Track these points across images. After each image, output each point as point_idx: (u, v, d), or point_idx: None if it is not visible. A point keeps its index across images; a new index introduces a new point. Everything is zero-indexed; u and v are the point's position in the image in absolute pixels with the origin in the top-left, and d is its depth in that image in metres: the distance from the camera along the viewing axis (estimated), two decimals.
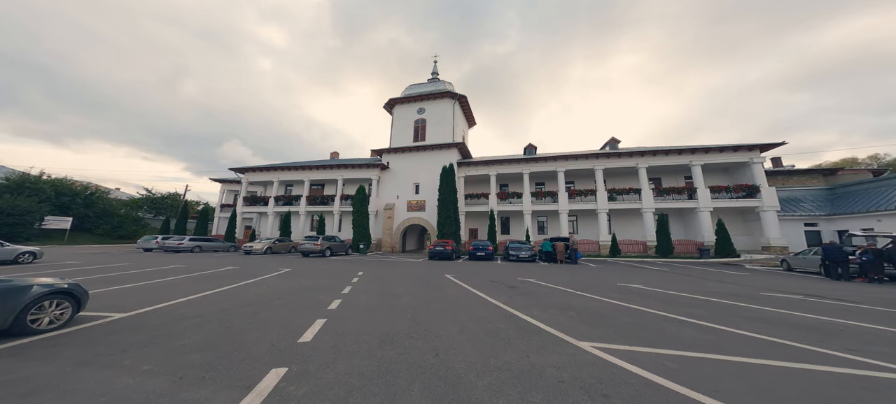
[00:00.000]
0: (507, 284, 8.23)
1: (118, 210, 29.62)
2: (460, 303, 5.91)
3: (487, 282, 8.63)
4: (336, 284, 7.37)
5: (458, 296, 6.54)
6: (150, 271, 9.86)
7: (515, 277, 9.71)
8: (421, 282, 8.44)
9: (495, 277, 9.65)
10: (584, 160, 22.45)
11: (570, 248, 14.69)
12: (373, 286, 7.50)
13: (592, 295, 6.88)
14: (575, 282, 8.86)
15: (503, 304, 5.81)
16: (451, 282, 8.38)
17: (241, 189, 28.94)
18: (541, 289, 7.63)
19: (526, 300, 6.26)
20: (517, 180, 26.10)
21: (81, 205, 26.93)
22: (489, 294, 6.76)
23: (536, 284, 8.31)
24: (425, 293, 6.75)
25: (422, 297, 6.31)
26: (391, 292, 6.78)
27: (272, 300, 5.83)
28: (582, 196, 21.96)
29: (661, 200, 20.18)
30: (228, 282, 7.89)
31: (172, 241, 19.38)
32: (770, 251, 17.29)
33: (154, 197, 36.32)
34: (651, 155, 20.92)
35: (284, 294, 6.38)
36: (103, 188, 31.64)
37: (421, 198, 25.86)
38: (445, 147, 26.25)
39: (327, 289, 6.90)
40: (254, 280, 8.35)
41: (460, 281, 8.67)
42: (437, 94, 28.44)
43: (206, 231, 25.58)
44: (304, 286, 7.22)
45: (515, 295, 6.78)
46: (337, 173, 27.51)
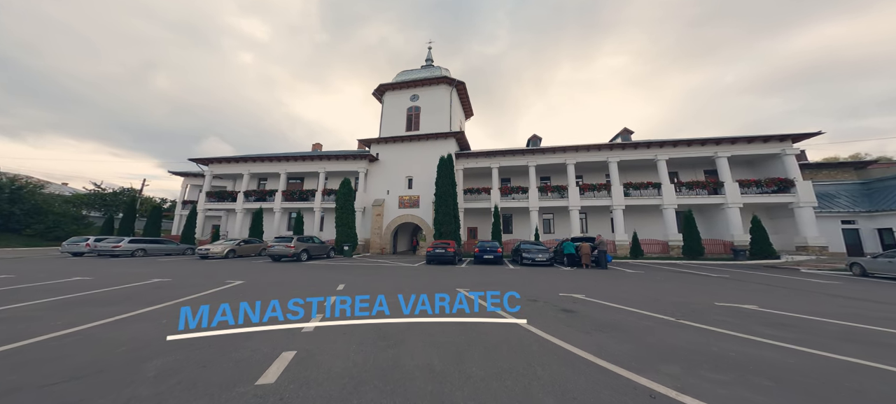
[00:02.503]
0: (554, 304, 5.60)
1: (53, 207, 25.09)
2: (515, 355, 3.19)
3: (521, 300, 5.97)
4: (299, 309, 4.51)
5: (502, 336, 3.83)
6: (30, 287, 6.62)
7: (554, 291, 7.09)
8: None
9: (526, 292, 7.00)
10: (597, 152, 20.24)
11: (597, 250, 12.26)
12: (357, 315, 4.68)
13: (709, 325, 4.33)
14: (647, 299, 6.32)
15: (595, 357, 3.15)
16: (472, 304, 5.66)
17: (205, 183, 25.08)
18: (612, 313, 5.04)
19: (621, 341, 3.62)
20: (520, 174, 23.72)
21: (6, 202, 22.42)
22: (547, 329, 4.08)
23: (596, 304, 5.71)
24: (442, 327, 4.01)
25: (441, 342, 3.56)
26: (387, 331, 3.98)
27: (141, 365, 2.90)
28: (594, 191, 19.73)
29: (683, 196, 18.18)
30: (119, 309, 4.87)
31: (107, 244, 15.69)
32: (808, 251, 15.53)
33: (103, 193, 31.61)
34: (671, 146, 18.91)
35: (181, 347, 3.46)
36: (36, 181, 26.94)
37: (414, 194, 22.98)
38: (442, 137, 23.49)
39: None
40: (168, 304, 5.34)
41: (483, 300, 5.96)
42: (432, 79, 25.64)
43: (159, 231, 21.72)
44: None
45: (591, 328, 4.14)
46: (318, 165, 24.21)
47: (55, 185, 38.65)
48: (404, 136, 24.29)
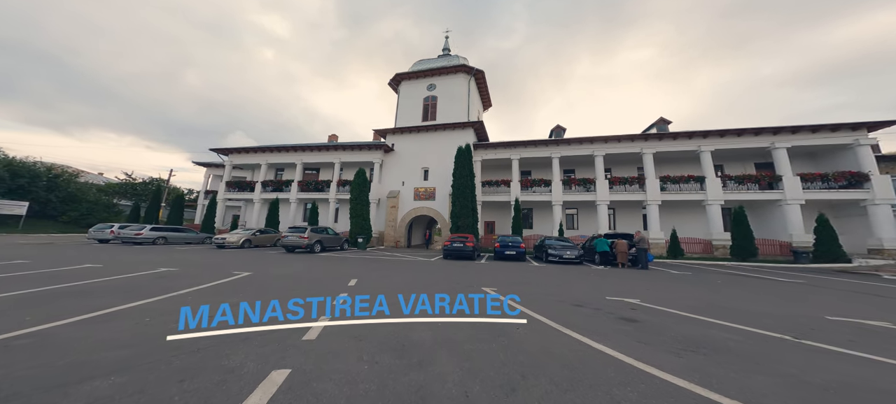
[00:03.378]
0: (608, 311, 4.56)
1: (86, 195, 26.20)
2: (591, 389, 2.22)
3: (562, 303, 4.97)
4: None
5: (545, 350, 2.87)
6: (33, 275, 6.32)
7: (598, 294, 6.02)
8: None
9: (564, 294, 5.98)
10: (629, 143, 18.54)
11: (637, 248, 10.94)
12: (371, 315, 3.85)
13: (848, 349, 3.16)
14: (724, 308, 5.15)
15: (716, 394, 2.12)
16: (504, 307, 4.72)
17: (225, 173, 25.37)
18: (691, 325, 3.94)
19: (739, 369, 2.56)
20: (541, 166, 22.34)
21: (43, 189, 23.54)
22: (617, 346, 3.07)
23: (663, 313, 4.62)
24: (475, 338, 3.10)
25: (476, 356, 2.65)
26: (407, 336, 3.13)
27: (70, 389, 2.17)
28: (625, 185, 18.11)
29: (730, 191, 16.26)
30: (106, 302, 4.30)
31: (129, 231, 15.89)
32: (883, 255, 13.43)
33: (133, 182, 32.91)
34: (718, 136, 16.92)
35: (163, 349, 2.75)
36: (71, 171, 28.26)
37: (430, 186, 22.17)
38: (460, 127, 22.46)
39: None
40: (162, 298, 4.76)
41: (517, 303, 5.00)
42: (450, 68, 24.52)
43: (181, 220, 22.12)
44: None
45: (677, 346, 3.10)
46: (334, 155, 23.84)
47: (91, 175, 40.85)
48: (421, 127, 23.44)
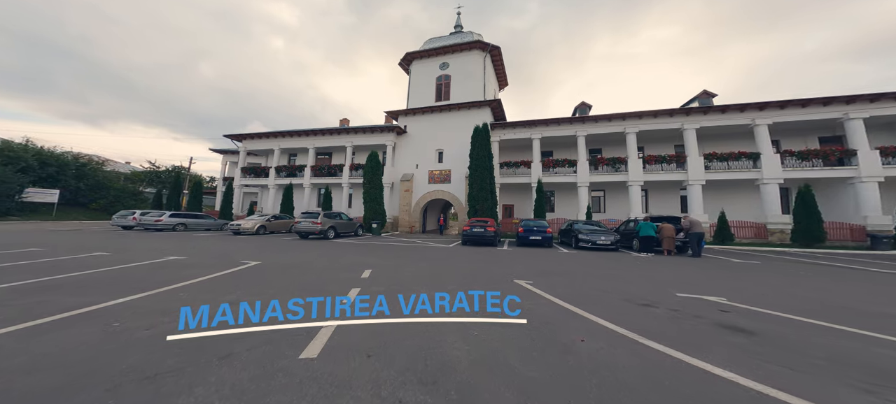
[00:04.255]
0: (694, 314, 3.59)
1: (114, 183, 27.05)
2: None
3: (625, 302, 4.04)
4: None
5: (649, 379, 1.98)
6: (43, 263, 6.03)
7: (663, 289, 5.03)
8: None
9: (619, 289, 5.03)
10: (668, 118, 16.67)
11: (687, 233, 9.63)
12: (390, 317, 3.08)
13: None
14: (848, 309, 4.06)
15: None
16: (551, 306, 3.85)
17: (239, 159, 25.37)
18: (832, 336, 2.92)
19: None
20: (563, 146, 20.82)
21: (72, 177, 24.39)
22: (730, 366, 2.15)
23: (771, 317, 3.59)
24: (529, 354, 2.26)
25: (540, 388, 1.81)
26: (436, 352, 2.33)
27: None
28: (662, 163, 16.44)
29: (791, 169, 14.29)
30: (85, 300, 3.77)
31: (149, 218, 16.04)
32: None
33: (157, 170, 33.84)
34: (777, 108, 14.75)
35: (106, 377, 2.07)
36: (98, 159, 29.21)
37: (445, 168, 21.22)
38: (476, 106, 21.13)
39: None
40: (152, 293, 4.22)
41: (561, 300, 4.11)
42: (463, 45, 22.87)
43: (201, 206, 22.41)
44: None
45: (830, 368, 2.13)
46: (345, 139, 23.20)
47: (119, 163, 42.50)
48: (434, 107, 22.25)
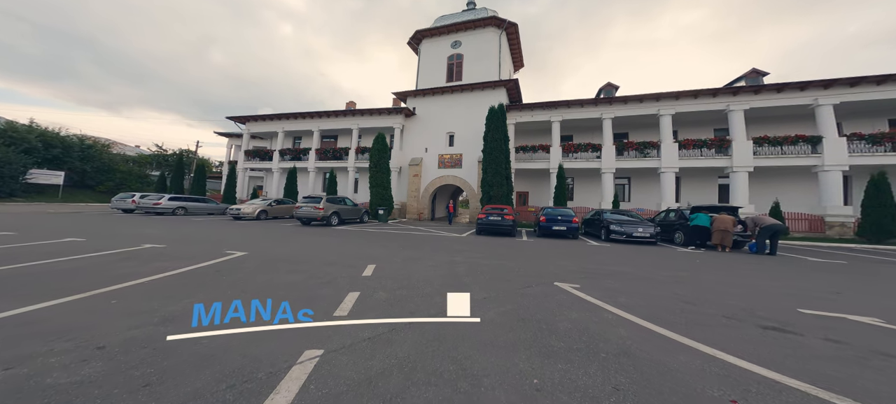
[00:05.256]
0: (842, 342, 2.38)
1: (120, 165, 26.73)
2: None
3: (722, 320, 2.85)
4: (274, 342, 1.87)
5: None
6: (4, 249, 5.19)
7: (779, 302, 3.80)
8: (537, 328, 2.83)
9: (706, 300, 3.82)
10: (710, 99, 14.83)
11: (753, 228, 8.14)
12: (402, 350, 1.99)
13: None
14: None
15: None
16: (626, 326, 2.68)
17: (243, 142, 24.58)
18: None
19: None
20: (585, 130, 19.25)
21: (77, 159, 24.08)
22: None
23: None
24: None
25: None
26: None
27: None
28: (702, 148, 14.74)
29: (858, 155, 12.46)
30: (31, 297, 2.79)
31: (148, 201, 15.40)
32: None
33: (165, 154, 33.52)
34: (846, 86, 12.73)
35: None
36: (103, 141, 28.88)
37: (456, 152, 19.94)
38: (490, 86, 19.58)
39: (230, 365, 1.52)
40: (100, 291, 3.24)
41: (636, 317, 2.95)
42: (477, 21, 21.05)
43: (204, 189, 21.83)
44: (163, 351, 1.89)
45: None
46: (351, 121, 22.05)
47: (129, 147, 42.52)
48: (445, 87, 20.76)
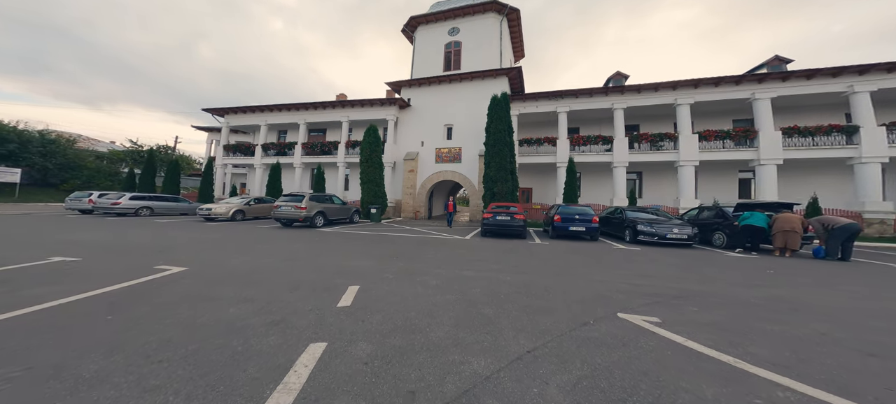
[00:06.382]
0: None
1: (88, 162, 24.52)
2: None
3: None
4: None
5: None
6: None
7: None
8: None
9: (813, 325, 2.42)
10: (733, 86, 13.65)
11: (825, 230, 6.76)
12: None
13: None
14: None
15: None
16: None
17: (221, 136, 22.65)
18: None
19: None
20: (593, 121, 18.09)
21: (37, 155, 21.85)
22: None
23: None
24: None
25: None
26: None
27: None
28: (724, 140, 13.58)
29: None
30: None
31: (106, 200, 13.54)
32: None
33: (140, 149, 31.19)
34: (884, 71, 11.66)
35: None
36: (67, 136, 26.54)
37: (455, 146, 18.49)
38: (491, 75, 18.16)
39: None
40: None
41: (804, 386, 1.54)
42: (477, 6, 19.56)
43: (178, 187, 19.90)
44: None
45: None
46: (341, 113, 20.37)
47: (103, 143, 39.82)
48: (443, 77, 19.25)
